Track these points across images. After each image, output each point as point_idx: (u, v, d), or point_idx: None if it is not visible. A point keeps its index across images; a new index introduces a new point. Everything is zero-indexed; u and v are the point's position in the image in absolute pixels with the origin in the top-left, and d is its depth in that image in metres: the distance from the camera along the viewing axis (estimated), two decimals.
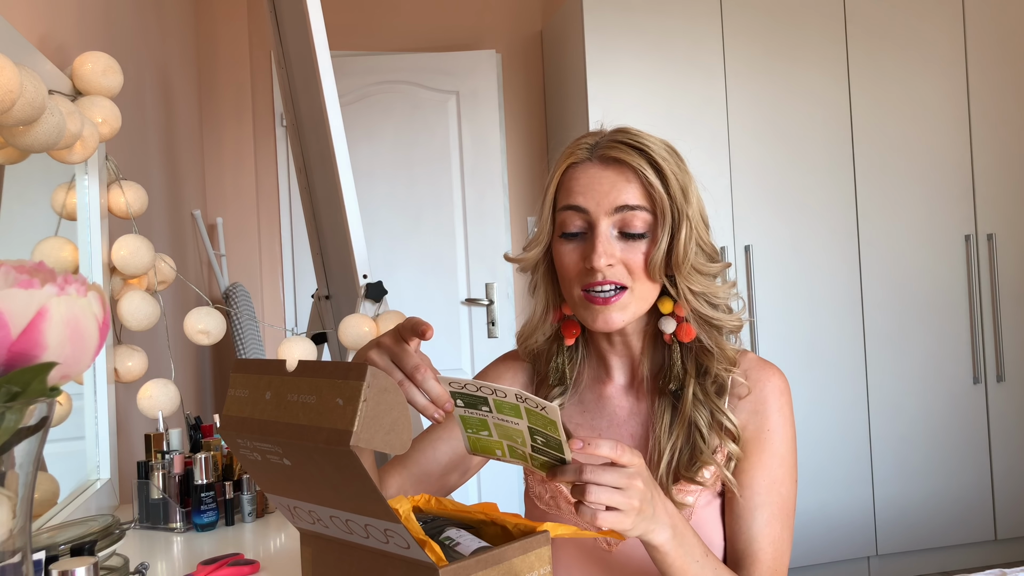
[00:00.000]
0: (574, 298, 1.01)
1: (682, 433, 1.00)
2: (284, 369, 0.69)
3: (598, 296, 0.97)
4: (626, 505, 0.76)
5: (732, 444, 0.99)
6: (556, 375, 1.08)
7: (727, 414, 1.00)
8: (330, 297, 2.25)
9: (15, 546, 0.48)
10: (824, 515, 3.08)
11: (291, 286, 3.38)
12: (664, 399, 1.02)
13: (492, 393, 0.75)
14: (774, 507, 0.99)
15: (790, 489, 1.01)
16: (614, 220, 0.98)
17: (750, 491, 0.99)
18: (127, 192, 1.50)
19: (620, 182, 0.98)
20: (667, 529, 0.82)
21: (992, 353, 3.24)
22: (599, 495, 0.75)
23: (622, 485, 0.76)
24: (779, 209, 3.11)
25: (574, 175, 1.01)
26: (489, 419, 0.78)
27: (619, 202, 0.97)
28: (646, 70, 3.04)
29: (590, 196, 0.98)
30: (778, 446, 1.01)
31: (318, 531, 0.75)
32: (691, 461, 0.98)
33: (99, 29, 1.69)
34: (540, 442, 0.76)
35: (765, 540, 0.98)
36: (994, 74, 3.27)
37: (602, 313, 0.97)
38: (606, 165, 0.99)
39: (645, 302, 1.00)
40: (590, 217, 0.98)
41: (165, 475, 1.33)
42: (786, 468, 1.01)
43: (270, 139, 3.36)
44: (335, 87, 1.72)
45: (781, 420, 1.02)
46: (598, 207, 0.98)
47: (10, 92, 0.92)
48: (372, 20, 3.46)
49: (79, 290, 0.49)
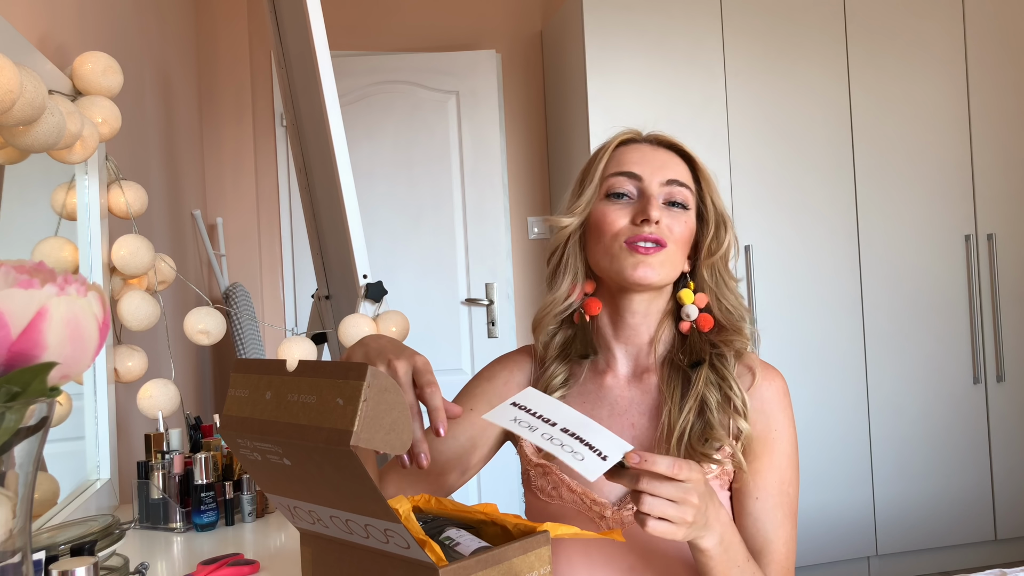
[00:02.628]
0: (613, 252, 1.04)
1: (694, 408, 1.02)
2: (284, 369, 0.69)
3: (641, 246, 1.02)
4: (679, 519, 0.78)
5: (742, 421, 1.01)
6: (583, 347, 1.09)
7: (737, 386, 1.02)
8: (330, 297, 2.25)
9: (15, 546, 0.48)
10: (824, 515, 3.08)
11: (291, 286, 3.38)
12: (674, 377, 1.05)
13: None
14: (786, 507, 1.02)
15: (797, 488, 1.05)
16: (664, 191, 1.05)
17: (765, 492, 1.02)
18: (127, 192, 1.50)
19: (671, 161, 1.08)
20: (716, 536, 0.85)
21: (992, 353, 3.24)
22: (654, 506, 0.77)
23: (677, 499, 0.78)
24: (779, 209, 3.11)
25: (627, 150, 1.09)
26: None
27: (670, 175, 1.06)
28: (646, 70, 3.04)
29: (644, 165, 1.06)
30: (785, 446, 1.04)
31: (318, 531, 0.75)
32: (702, 437, 1.00)
33: (99, 29, 1.69)
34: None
35: (780, 541, 1.01)
36: (994, 74, 3.27)
37: (643, 262, 1.02)
38: (658, 147, 1.10)
39: (674, 269, 1.05)
40: (642, 184, 1.05)
41: (165, 475, 1.33)
42: (793, 468, 1.04)
43: (270, 139, 3.36)
44: (335, 87, 1.72)
45: (786, 421, 1.05)
46: (652, 175, 1.06)
47: (10, 92, 0.92)
48: (372, 20, 3.46)
49: (79, 290, 0.49)
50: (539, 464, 1.06)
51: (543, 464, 1.05)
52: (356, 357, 0.85)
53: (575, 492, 1.03)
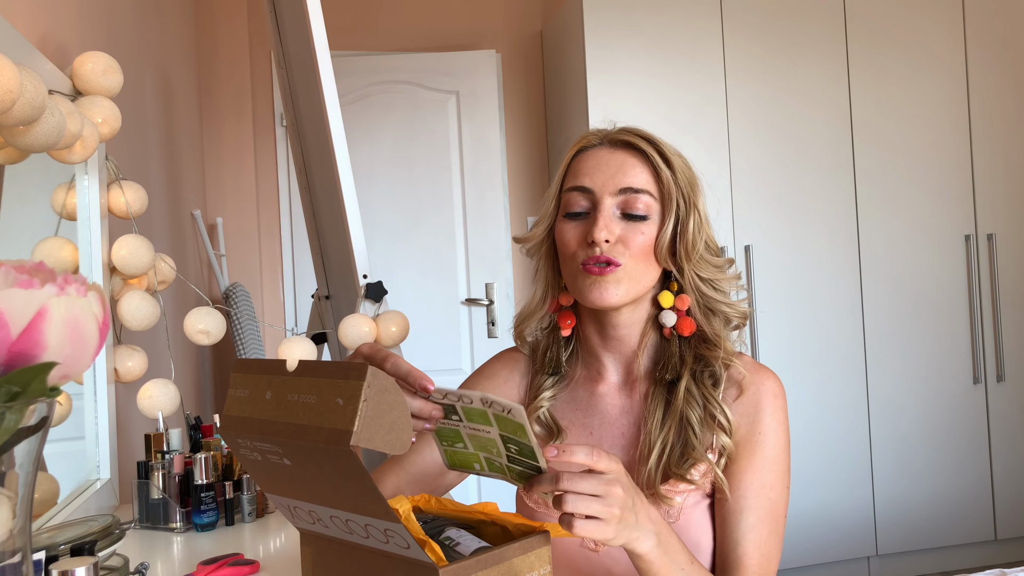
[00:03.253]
0: (572, 272, 1.01)
1: (674, 426, 0.99)
2: (284, 369, 0.69)
3: (595, 267, 0.98)
4: (606, 513, 0.73)
5: (724, 437, 0.98)
6: (551, 364, 1.08)
7: (720, 406, 0.99)
8: (330, 297, 2.25)
9: (15, 546, 0.48)
10: (824, 515, 3.08)
11: (291, 286, 3.38)
12: (658, 393, 1.02)
13: (458, 400, 0.73)
14: (761, 511, 0.97)
15: (780, 494, 0.99)
16: (617, 201, 1.00)
17: (737, 493, 0.97)
18: (127, 192, 1.50)
19: (628, 164, 1.01)
20: (651, 537, 0.80)
21: (992, 353, 3.24)
22: (576, 504, 0.72)
23: (600, 492, 0.73)
24: (779, 209, 3.11)
25: (583, 158, 1.04)
26: (462, 429, 0.76)
27: (624, 184, 0.99)
28: (646, 70, 3.04)
29: (596, 176, 1.01)
30: (769, 449, 0.99)
31: (318, 531, 0.75)
32: (682, 457, 0.97)
33: (99, 29, 1.69)
34: (514, 451, 0.74)
35: (751, 544, 0.96)
36: (994, 74, 3.27)
37: (597, 284, 0.98)
38: (616, 148, 1.03)
39: (639, 284, 1.00)
40: (594, 196, 1.00)
41: (165, 475, 1.33)
42: (777, 473, 0.99)
43: (270, 139, 3.36)
44: (335, 87, 1.72)
45: (774, 424, 1.00)
46: (603, 187, 1.00)
47: (10, 92, 0.92)
48: (372, 20, 3.46)
49: (79, 290, 0.49)
50: None
51: None
52: None
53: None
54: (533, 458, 0.73)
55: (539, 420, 1.07)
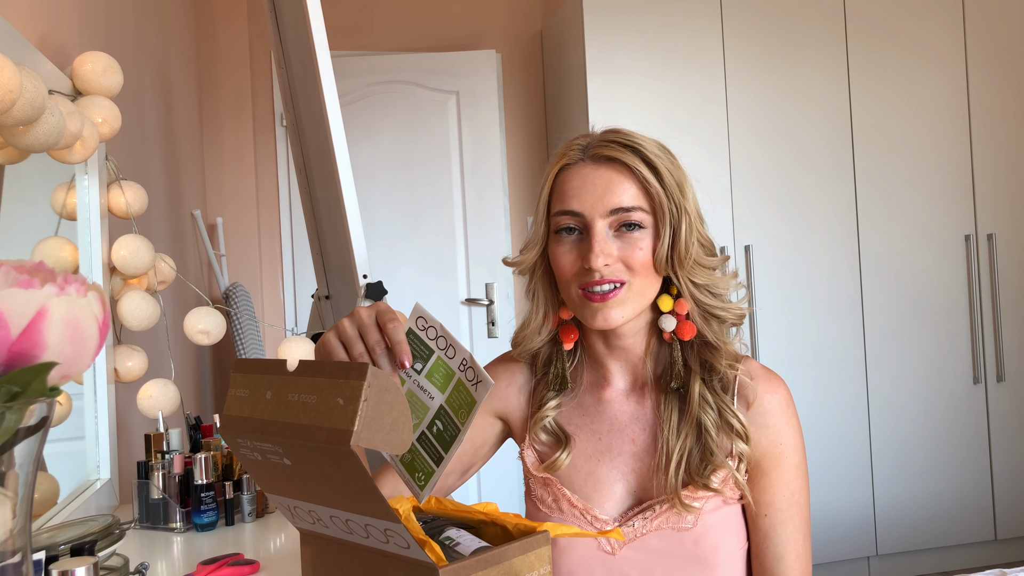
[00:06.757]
0: (572, 297, 1.00)
1: (691, 433, 0.98)
2: (284, 369, 0.69)
3: (595, 294, 0.96)
4: None
5: (741, 444, 0.98)
6: (557, 380, 1.06)
7: (734, 412, 0.99)
8: (330, 297, 2.25)
9: (15, 546, 0.48)
10: (824, 515, 3.08)
11: (291, 286, 3.38)
12: (670, 400, 1.01)
13: (443, 350, 0.72)
14: (796, 519, 1.01)
15: (807, 498, 1.03)
16: (609, 221, 0.97)
17: (773, 508, 1.00)
18: (127, 192, 1.50)
19: (615, 182, 0.97)
20: None
21: (992, 353, 3.24)
22: None
23: None
24: (779, 209, 3.11)
25: (567, 177, 1.00)
26: (408, 384, 0.74)
27: (614, 204, 0.97)
28: (646, 70, 3.04)
29: (584, 198, 0.97)
30: (792, 458, 1.01)
31: (318, 531, 0.75)
32: (702, 462, 0.97)
33: (99, 29, 1.69)
34: (435, 431, 0.73)
35: (791, 556, 1.00)
36: (994, 74, 3.27)
37: (601, 311, 0.96)
38: (599, 164, 0.99)
39: (643, 298, 0.99)
40: (585, 220, 0.98)
41: (165, 475, 1.33)
42: (802, 479, 1.02)
43: (270, 139, 3.36)
44: (335, 87, 1.72)
45: (791, 432, 1.02)
46: (593, 209, 0.97)
47: (10, 92, 0.92)
48: (372, 20, 3.46)
49: (79, 290, 0.49)
50: (541, 476, 1.05)
51: (545, 476, 1.04)
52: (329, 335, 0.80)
53: (576, 507, 1.01)
54: (445, 446, 0.72)
55: (545, 428, 1.06)
